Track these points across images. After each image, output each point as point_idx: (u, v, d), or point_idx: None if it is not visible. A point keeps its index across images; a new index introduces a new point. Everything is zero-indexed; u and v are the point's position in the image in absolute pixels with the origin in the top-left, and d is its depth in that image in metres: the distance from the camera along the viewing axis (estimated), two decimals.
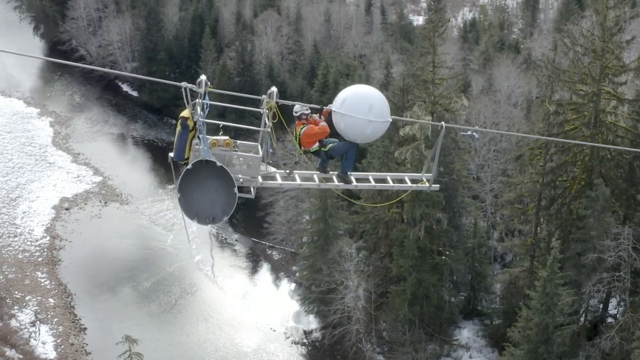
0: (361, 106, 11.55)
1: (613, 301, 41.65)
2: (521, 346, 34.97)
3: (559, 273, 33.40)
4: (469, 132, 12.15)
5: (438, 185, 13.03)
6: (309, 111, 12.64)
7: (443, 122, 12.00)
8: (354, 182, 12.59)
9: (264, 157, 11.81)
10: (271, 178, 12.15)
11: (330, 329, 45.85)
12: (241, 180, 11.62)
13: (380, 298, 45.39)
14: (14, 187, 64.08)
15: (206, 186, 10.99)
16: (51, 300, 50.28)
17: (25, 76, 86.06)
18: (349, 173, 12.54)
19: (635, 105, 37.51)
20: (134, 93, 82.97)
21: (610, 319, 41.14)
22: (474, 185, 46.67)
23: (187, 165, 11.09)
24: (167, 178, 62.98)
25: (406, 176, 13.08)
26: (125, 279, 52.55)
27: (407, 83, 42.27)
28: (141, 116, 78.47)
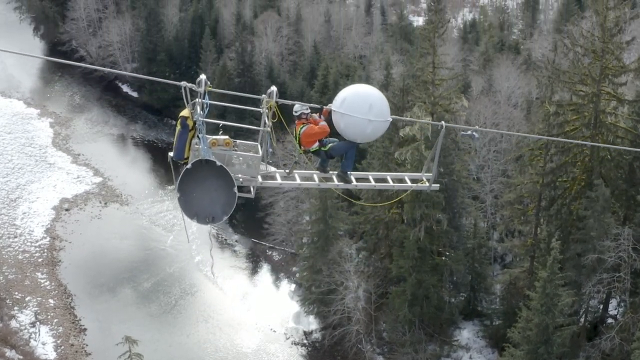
0: (361, 105, 11.51)
1: (613, 302, 41.61)
2: (521, 347, 34.95)
3: (559, 274, 33.37)
4: (469, 132, 12.12)
5: (438, 185, 12.99)
6: (309, 111, 12.59)
7: (443, 122, 11.96)
8: (354, 182, 12.55)
9: (264, 157, 11.76)
10: (271, 178, 12.11)
11: (330, 330, 45.81)
12: (241, 179, 11.59)
13: (380, 299, 45.35)
14: (14, 188, 64.05)
15: (206, 186, 10.95)
16: (51, 301, 50.24)
17: (25, 77, 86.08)
18: (349, 173, 12.50)
19: (635, 106, 37.49)
20: (134, 94, 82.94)
21: (610, 320, 41.10)
22: (474, 185, 46.65)
23: (187, 164, 11.05)
24: (167, 179, 62.93)
25: (406, 176, 13.05)
26: (125, 280, 52.51)
27: (407, 84, 42.23)
28: (141, 117, 78.44)
